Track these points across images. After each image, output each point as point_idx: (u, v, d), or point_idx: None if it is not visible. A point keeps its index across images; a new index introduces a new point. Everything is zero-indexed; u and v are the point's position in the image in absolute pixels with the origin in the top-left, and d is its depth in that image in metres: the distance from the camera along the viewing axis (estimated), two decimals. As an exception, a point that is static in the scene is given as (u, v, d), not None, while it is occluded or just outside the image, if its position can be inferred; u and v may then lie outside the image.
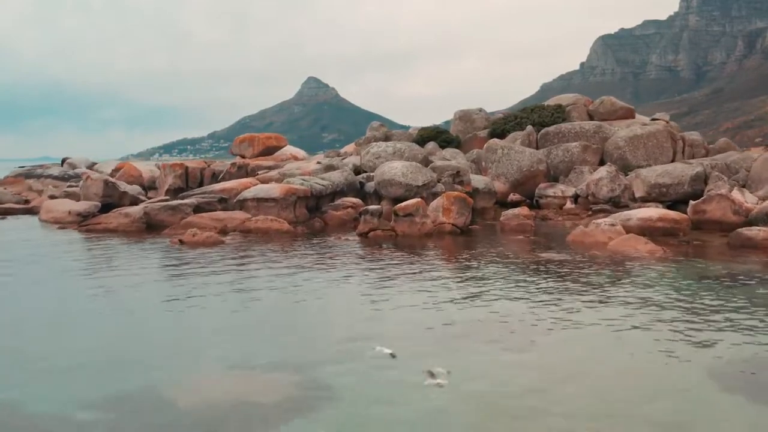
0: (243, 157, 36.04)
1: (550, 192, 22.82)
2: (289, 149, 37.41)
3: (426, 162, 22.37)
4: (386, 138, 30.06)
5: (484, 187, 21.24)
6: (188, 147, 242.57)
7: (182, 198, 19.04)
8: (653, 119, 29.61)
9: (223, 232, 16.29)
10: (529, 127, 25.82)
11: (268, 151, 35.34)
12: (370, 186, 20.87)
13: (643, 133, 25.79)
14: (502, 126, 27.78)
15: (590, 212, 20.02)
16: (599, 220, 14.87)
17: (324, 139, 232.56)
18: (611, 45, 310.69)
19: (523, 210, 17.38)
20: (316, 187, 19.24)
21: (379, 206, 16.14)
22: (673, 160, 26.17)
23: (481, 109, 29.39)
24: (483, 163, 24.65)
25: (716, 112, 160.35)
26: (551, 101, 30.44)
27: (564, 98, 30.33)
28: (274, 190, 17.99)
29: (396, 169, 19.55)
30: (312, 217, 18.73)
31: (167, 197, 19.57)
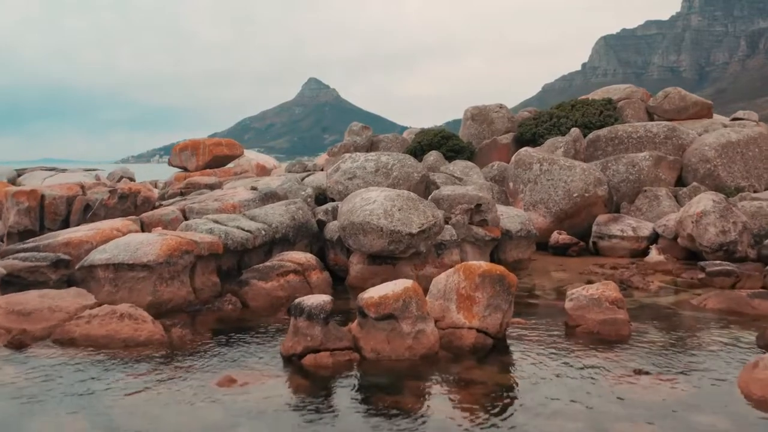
0: (185, 169, 27.92)
1: (616, 230, 14.76)
2: (253, 157, 29.17)
3: (426, 187, 14.20)
4: (371, 145, 21.88)
5: (519, 229, 13.03)
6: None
7: (-3, 257, 10.78)
8: (734, 119, 21.55)
9: (19, 345, 8.07)
10: (576, 131, 17.56)
11: (218, 162, 27.30)
12: (333, 228, 12.64)
13: (739, 139, 17.72)
14: (533, 128, 19.53)
15: (703, 273, 11.83)
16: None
17: (325, 140, 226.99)
18: (613, 45, 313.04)
19: (608, 288, 9.14)
20: (235, 237, 11.06)
21: (325, 300, 7.62)
22: (781, 178, 18.24)
23: (501, 106, 20.96)
24: (511, 184, 16.50)
25: (720, 112, 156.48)
26: (596, 94, 22.24)
27: (613, 90, 22.14)
28: (147, 247, 9.75)
29: (374, 204, 11.32)
30: (224, 293, 10.57)
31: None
